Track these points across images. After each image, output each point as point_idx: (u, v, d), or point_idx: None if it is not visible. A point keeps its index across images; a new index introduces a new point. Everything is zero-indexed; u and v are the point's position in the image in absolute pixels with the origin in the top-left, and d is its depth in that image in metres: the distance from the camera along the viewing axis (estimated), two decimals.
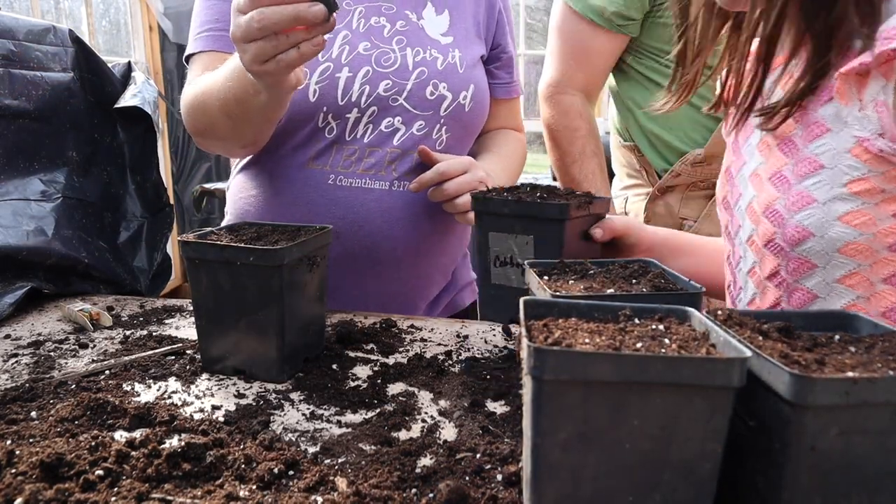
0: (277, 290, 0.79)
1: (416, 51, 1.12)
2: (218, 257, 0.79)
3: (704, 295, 0.66)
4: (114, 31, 3.81)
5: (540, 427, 0.45)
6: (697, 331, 0.52)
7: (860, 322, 0.56)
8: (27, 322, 1.05)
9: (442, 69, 1.13)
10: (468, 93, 1.15)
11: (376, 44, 1.11)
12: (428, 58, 1.13)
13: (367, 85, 1.08)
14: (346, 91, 1.08)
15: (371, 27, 1.11)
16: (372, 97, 1.09)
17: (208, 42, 1.11)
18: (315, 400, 0.78)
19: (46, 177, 1.26)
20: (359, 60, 1.09)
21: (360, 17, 1.12)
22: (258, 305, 0.80)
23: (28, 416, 0.71)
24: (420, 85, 1.11)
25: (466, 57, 1.16)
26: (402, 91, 1.10)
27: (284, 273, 0.79)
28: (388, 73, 1.10)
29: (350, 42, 1.09)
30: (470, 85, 1.15)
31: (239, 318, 0.81)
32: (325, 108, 1.08)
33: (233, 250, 0.79)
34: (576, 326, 0.52)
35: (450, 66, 1.14)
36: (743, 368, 0.43)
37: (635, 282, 0.70)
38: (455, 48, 1.16)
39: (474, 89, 1.16)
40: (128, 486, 0.56)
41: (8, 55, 1.23)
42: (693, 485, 0.46)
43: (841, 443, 0.44)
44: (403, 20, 1.14)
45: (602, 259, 0.78)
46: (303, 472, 0.60)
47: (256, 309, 0.80)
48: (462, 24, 1.19)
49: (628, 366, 0.43)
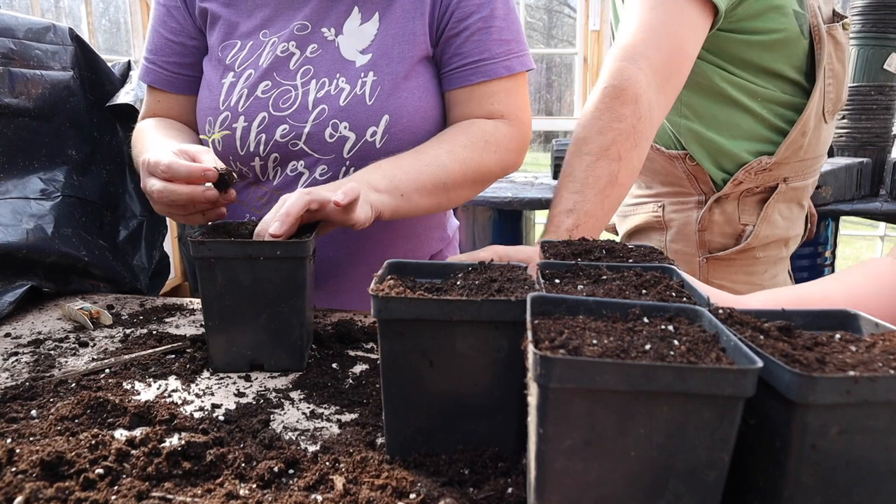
0: (302, 280, 0.82)
1: (322, 83, 1.05)
2: (239, 254, 0.81)
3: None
4: (113, 30, 3.80)
5: (545, 434, 0.45)
6: (707, 332, 0.51)
7: (861, 321, 0.56)
8: (27, 321, 1.05)
9: (345, 105, 1.03)
10: (378, 127, 1.04)
11: (277, 81, 1.05)
12: (332, 91, 1.04)
13: (263, 133, 1.05)
14: (244, 141, 1.06)
15: (277, 59, 1.06)
16: (270, 144, 1.06)
17: (143, 73, 1.17)
18: (315, 399, 0.77)
19: (46, 175, 1.26)
20: (255, 106, 1.05)
21: (270, 49, 1.07)
22: (283, 297, 0.83)
23: (28, 414, 0.71)
24: (319, 126, 1.04)
25: (384, 79, 1.04)
26: (301, 135, 1.05)
27: (307, 264, 0.83)
28: (286, 115, 1.05)
29: (250, 84, 1.06)
30: (382, 117, 1.04)
31: (260, 311, 0.83)
32: (231, 156, 1.09)
33: (256, 246, 0.81)
34: (583, 325, 0.51)
35: (356, 98, 1.03)
36: (754, 379, 0.43)
37: (645, 291, 0.68)
38: (371, 70, 1.05)
39: (389, 120, 1.04)
40: (128, 484, 0.56)
41: (8, 53, 1.23)
42: (698, 493, 0.45)
43: (842, 441, 0.44)
44: (317, 43, 1.07)
45: (620, 263, 0.74)
46: (303, 471, 0.60)
47: (280, 301, 0.83)
48: (392, 28, 1.06)
49: (636, 375, 0.43)
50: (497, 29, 1.06)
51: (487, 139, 1.07)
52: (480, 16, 1.06)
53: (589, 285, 0.67)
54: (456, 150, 1.04)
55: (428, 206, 1.04)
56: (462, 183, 1.06)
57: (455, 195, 1.07)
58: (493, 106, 1.09)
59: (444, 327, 0.58)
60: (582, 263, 0.71)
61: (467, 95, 1.09)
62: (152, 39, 1.15)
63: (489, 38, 1.06)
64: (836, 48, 1.32)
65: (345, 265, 1.14)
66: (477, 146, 1.06)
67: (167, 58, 1.14)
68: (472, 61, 1.07)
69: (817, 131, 1.34)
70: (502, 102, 1.09)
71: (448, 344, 0.59)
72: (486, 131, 1.07)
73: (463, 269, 0.70)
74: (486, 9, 1.06)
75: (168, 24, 1.13)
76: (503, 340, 0.58)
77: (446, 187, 1.03)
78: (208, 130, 1.08)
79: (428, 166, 1.01)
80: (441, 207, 1.08)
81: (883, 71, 3.02)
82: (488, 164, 1.07)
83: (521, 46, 1.10)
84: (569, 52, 3.98)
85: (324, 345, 0.94)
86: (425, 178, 1.00)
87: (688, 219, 1.39)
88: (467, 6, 1.06)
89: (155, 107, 1.18)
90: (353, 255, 1.14)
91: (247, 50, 1.08)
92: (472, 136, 1.06)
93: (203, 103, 1.10)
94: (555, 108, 7.17)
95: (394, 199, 0.97)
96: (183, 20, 1.13)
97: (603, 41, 3.93)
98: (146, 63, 1.15)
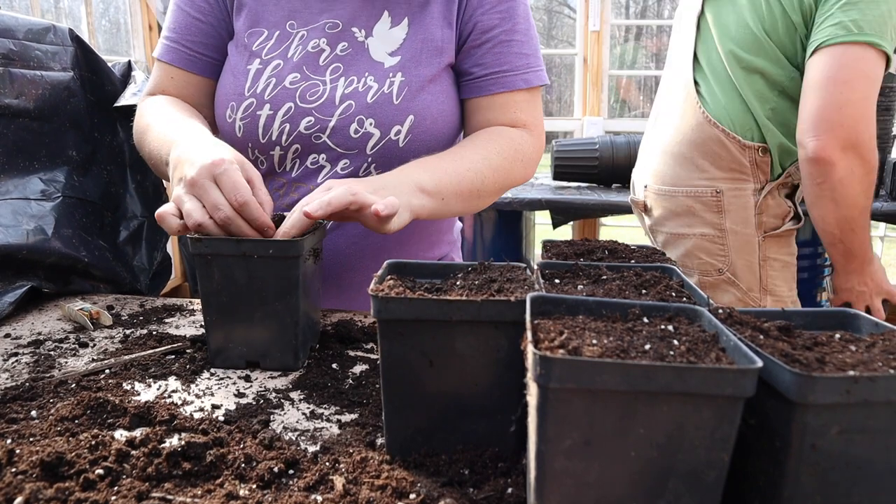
0: (295, 279, 0.82)
1: (350, 80, 1.05)
2: (234, 251, 0.81)
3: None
4: (113, 31, 3.81)
5: (545, 434, 0.45)
6: (707, 332, 0.51)
7: (860, 321, 0.56)
8: (27, 321, 1.05)
9: (371, 102, 1.04)
10: (403, 127, 1.05)
11: (307, 75, 1.06)
12: (360, 88, 1.05)
13: (287, 123, 1.05)
14: (267, 130, 1.06)
15: (307, 54, 1.07)
16: (293, 135, 1.06)
17: (162, 51, 1.15)
18: (315, 399, 0.78)
19: (46, 176, 1.26)
20: (282, 96, 1.05)
21: (299, 43, 1.07)
22: (276, 295, 0.83)
23: (28, 415, 0.71)
24: (344, 121, 1.05)
25: (412, 81, 1.06)
26: (325, 128, 1.05)
27: (300, 263, 0.82)
28: (312, 108, 1.05)
29: (278, 74, 1.06)
30: (407, 117, 1.05)
31: (255, 309, 0.83)
32: (250, 144, 1.08)
33: (251, 244, 0.81)
34: (583, 325, 0.52)
35: (383, 97, 1.05)
36: (754, 379, 0.43)
37: (645, 291, 0.69)
38: (399, 71, 1.06)
39: (413, 120, 1.05)
40: (128, 485, 0.57)
41: (8, 54, 1.23)
42: (698, 493, 0.45)
43: (842, 441, 0.44)
44: (347, 41, 1.07)
45: (621, 264, 0.75)
46: (303, 472, 0.60)
47: (274, 299, 0.83)
48: (421, 34, 1.08)
49: (636, 375, 0.43)
50: (518, 43, 1.10)
51: (517, 149, 1.10)
52: (503, 29, 1.09)
53: (589, 285, 0.67)
54: (491, 158, 1.06)
55: (460, 211, 1.06)
56: (492, 191, 1.08)
57: (482, 202, 1.10)
58: (516, 115, 1.12)
59: (443, 327, 0.58)
60: (582, 263, 0.71)
61: (488, 103, 1.11)
62: (176, 18, 1.13)
63: (510, 50, 1.09)
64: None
65: (359, 266, 1.14)
66: (509, 156, 1.08)
67: (191, 37, 1.12)
68: (492, 72, 1.10)
69: None
70: (524, 112, 1.12)
71: (448, 344, 0.59)
72: (515, 140, 1.10)
73: (462, 269, 0.70)
74: (509, 23, 1.09)
75: (196, 2, 1.12)
76: (503, 340, 0.58)
77: (479, 194, 1.05)
78: (229, 116, 1.08)
79: (468, 171, 1.03)
80: (467, 212, 1.10)
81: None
82: (515, 175, 1.11)
83: (539, 62, 1.13)
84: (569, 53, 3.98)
85: (324, 345, 0.94)
86: (465, 184, 1.02)
87: (746, 203, 1.61)
88: (490, 19, 1.09)
89: (166, 83, 1.15)
90: (366, 258, 1.14)
91: (274, 39, 1.08)
92: (505, 145, 1.09)
93: (226, 88, 1.09)
94: (555, 109, 7.18)
95: (435, 202, 0.98)
96: (213, 0, 1.12)
97: (602, 42, 3.93)
98: (167, 42, 1.14)
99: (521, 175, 1.13)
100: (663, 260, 0.77)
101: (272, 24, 1.09)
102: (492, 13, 1.09)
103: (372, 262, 1.14)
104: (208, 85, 1.15)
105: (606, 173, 3.24)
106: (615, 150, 3.21)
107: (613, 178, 3.27)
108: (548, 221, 3.02)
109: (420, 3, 1.09)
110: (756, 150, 1.58)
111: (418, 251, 1.19)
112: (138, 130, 1.11)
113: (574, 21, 4.41)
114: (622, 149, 3.22)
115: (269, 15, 1.10)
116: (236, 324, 0.85)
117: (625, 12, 7.72)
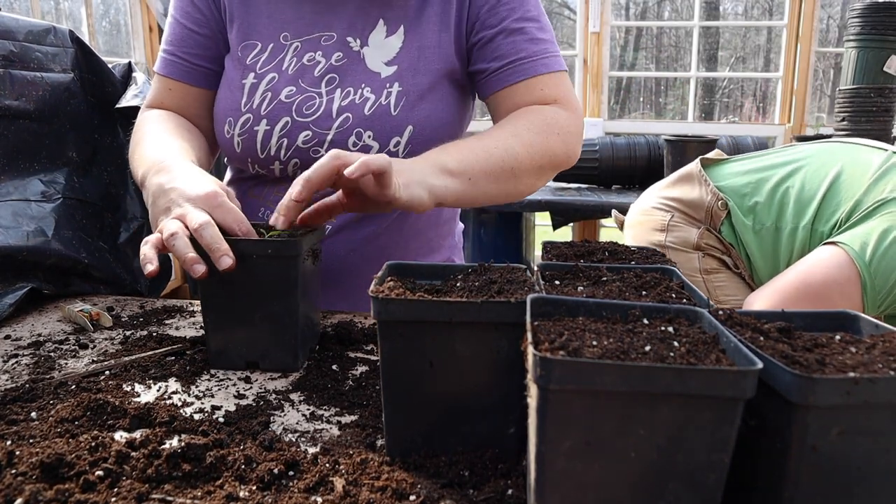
0: (294, 279, 0.82)
1: (346, 92, 1.04)
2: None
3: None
4: (114, 32, 3.81)
5: (545, 435, 0.45)
6: (707, 333, 0.51)
7: (861, 322, 0.56)
8: (27, 322, 1.05)
9: (369, 114, 1.03)
10: (402, 138, 1.04)
11: (303, 87, 1.05)
12: (357, 101, 1.04)
13: (285, 138, 1.05)
14: (265, 145, 1.06)
15: (303, 66, 1.06)
16: (291, 150, 1.05)
17: (160, 65, 1.15)
18: (315, 400, 0.77)
19: (47, 177, 1.26)
20: (278, 110, 1.04)
21: (293, 55, 1.06)
22: (275, 296, 0.82)
23: (28, 416, 0.71)
24: (342, 135, 1.03)
25: (410, 90, 1.04)
26: (323, 142, 1.04)
27: (299, 263, 0.82)
28: (309, 122, 1.04)
29: (274, 88, 1.05)
30: (406, 128, 1.03)
31: (253, 310, 0.83)
32: (250, 159, 1.08)
33: (248, 244, 0.81)
34: (583, 327, 0.52)
35: (381, 108, 1.03)
36: (754, 380, 0.43)
37: (645, 293, 0.69)
38: (396, 81, 1.04)
39: (413, 131, 1.04)
40: (128, 486, 0.56)
41: (8, 56, 1.23)
42: (698, 494, 0.45)
43: (842, 443, 0.44)
44: (342, 52, 1.06)
45: (621, 265, 0.75)
46: (303, 473, 0.60)
47: (273, 299, 0.83)
48: (417, 42, 1.06)
49: (636, 376, 0.43)
50: (531, 30, 1.07)
51: (549, 122, 1.03)
52: (513, 18, 1.06)
53: (589, 287, 0.67)
54: (521, 133, 1.00)
55: (495, 195, 1.00)
56: (530, 169, 1.02)
57: (523, 183, 1.03)
58: (544, 92, 1.06)
59: (444, 329, 0.58)
60: (582, 265, 0.71)
61: (510, 92, 1.07)
62: (173, 31, 1.13)
63: (524, 38, 1.06)
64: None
65: (358, 272, 1.14)
66: (541, 129, 1.02)
67: (188, 49, 1.12)
68: (510, 61, 1.06)
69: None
70: (552, 89, 1.07)
71: (448, 345, 0.59)
72: (546, 114, 1.04)
73: (463, 270, 0.70)
74: (519, 12, 1.07)
75: (192, 14, 1.12)
76: (503, 342, 0.58)
77: (514, 173, 0.99)
78: (227, 132, 1.08)
79: (496, 148, 0.97)
80: (509, 197, 1.04)
81: (882, 73, 3.02)
82: (554, 149, 1.04)
83: (555, 48, 1.10)
84: (569, 54, 3.98)
85: (324, 346, 0.94)
86: (495, 162, 0.96)
87: (689, 231, 1.71)
88: (498, 14, 1.06)
89: (164, 95, 1.15)
90: (365, 264, 1.13)
91: (268, 52, 1.08)
92: (534, 119, 1.03)
93: (223, 103, 1.09)
94: None
95: (461, 183, 0.93)
96: (208, 11, 1.12)
97: (602, 43, 3.93)
98: (166, 56, 1.14)
99: (562, 150, 1.05)
100: (663, 261, 0.77)
101: (265, 37, 1.08)
102: (499, 7, 1.06)
103: (371, 268, 1.14)
104: (206, 96, 1.15)
105: (606, 175, 3.24)
106: (615, 152, 3.22)
107: (613, 179, 3.27)
108: (548, 223, 3.02)
109: (416, 11, 1.08)
110: (720, 242, 1.65)
111: (417, 258, 1.19)
112: (132, 144, 1.11)
113: (574, 22, 4.40)
114: (622, 150, 3.22)
115: (261, 27, 1.09)
116: (235, 324, 0.85)
117: (625, 13, 7.73)
